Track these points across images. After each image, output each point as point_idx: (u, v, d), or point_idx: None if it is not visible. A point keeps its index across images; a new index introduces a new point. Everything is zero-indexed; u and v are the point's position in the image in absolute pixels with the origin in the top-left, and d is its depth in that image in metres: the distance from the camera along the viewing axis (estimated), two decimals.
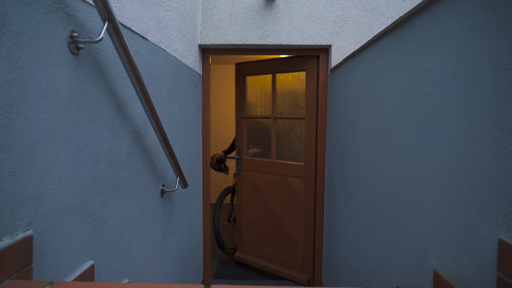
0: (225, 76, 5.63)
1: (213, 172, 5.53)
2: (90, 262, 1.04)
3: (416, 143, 1.14)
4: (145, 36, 1.50)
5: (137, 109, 1.41)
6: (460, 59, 0.91)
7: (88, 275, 1.02)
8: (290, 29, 2.63)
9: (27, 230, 0.77)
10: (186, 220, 2.31)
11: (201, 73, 2.76)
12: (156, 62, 1.66)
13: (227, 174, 3.98)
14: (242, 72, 3.32)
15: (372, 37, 1.61)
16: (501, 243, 0.73)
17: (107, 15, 0.99)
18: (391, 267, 1.34)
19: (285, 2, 2.63)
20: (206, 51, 2.77)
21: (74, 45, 0.94)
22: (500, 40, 0.76)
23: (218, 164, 3.78)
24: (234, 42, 2.65)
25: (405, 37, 1.26)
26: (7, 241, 0.70)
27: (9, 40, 0.71)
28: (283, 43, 2.64)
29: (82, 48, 0.97)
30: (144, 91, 1.29)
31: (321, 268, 2.91)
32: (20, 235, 0.74)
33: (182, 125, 2.19)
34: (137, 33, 1.42)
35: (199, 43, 2.65)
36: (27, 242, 0.76)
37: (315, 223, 2.91)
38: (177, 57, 2.02)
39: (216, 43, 2.66)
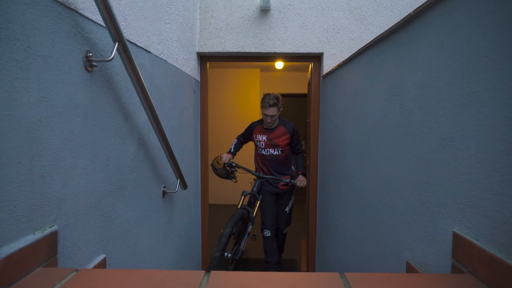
0: (222, 79, 5.75)
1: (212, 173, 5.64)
2: (103, 256, 1.17)
3: (394, 148, 1.28)
4: (148, 49, 1.63)
5: (142, 117, 1.54)
6: (428, 76, 1.04)
7: (101, 267, 1.15)
8: (284, 38, 2.77)
9: (53, 226, 0.89)
10: (185, 219, 2.44)
11: (199, 79, 2.89)
12: (158, 72, 1.78)
13: (236, 181, 3.06)
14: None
15: (358, 50, 1.74)
16: (455, 235, 0.87)
17: (117, 36, 1.12)
18: (374, 260, 1.47)
19: (279, 12, 2.76)
20: (204, 58, 2.90)
21: (89, 64, 1.07)
22: (455, 63, 0.89)
23: (226, 170, 2.95)
24: (231, 50, 2.78)
25: (386, 52, 1.39)
26: (38, 235, 0.83)
27: (39, 64, 0.84)
28: (277, 51, 2.78)
29: (95, 66, 1.10)
30: (148, 100, 1.42)
31: (314, 264, 3.04)
32: (47, 230, 0.87)
33: (182, 130, 2.31)
34: (141, 47, 1.54)
35: (197, 51, 2.78)
36: (53, 236, 0.89)
37: (309, 221, 3.04)
38: (177, 66, 2.15)
39: (214, 50, 2.79)
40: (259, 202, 2.95)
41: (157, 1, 1.76)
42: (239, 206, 2.89)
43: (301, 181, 2.91)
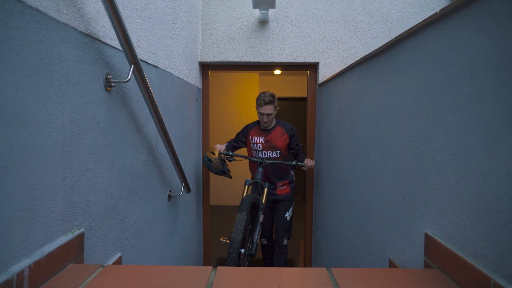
0: (222, 83, 5.89)
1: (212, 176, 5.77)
2: (119, 254, 1.31)
3: (379, 158, 1.42)
4: (156, 65, 1.77)
5: (151, 127, 1.68)
6: (406, 97, 1.19)
7: (118, 264, 1.29)
8: (281, 48, 2.91)
9: (80, 228, 1.04)
10: (188, 221, 2.58)
11: (201, 87, 3.03)
12: (165, 85, 1.93)
13: (231, 177, 2.86)
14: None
15: (349, 65, 1.89)
16: (426, 236, 1.01)
17: (132, 59, 1.26)
18: (363, 257, 1.62)
19: (277, 23, 2.91)
20: (205, 67, 3.04)
21: (108, 84, 1.21)
22: (429, 87, 1.04)
23: (223, 163, 2.68)
24: (231, 60, 2.93)
25: (373, 71, 1.54)
26: (69, 236, 0.97)
27: (70, 90, 0.98)
28: (276, 61, 2.92)
29: (114, 86, 1.24)
30: (157, 113, 1.56)
31: (310, 262, 3.19)
32: (76, 232, 1.01)
33: (185, 137, 2.45)
34: (150, 64, 1.69)
35: (199, 60, 2.92)
36: (81, 237, 1.03)
37: (305, 220, 3.19)
38: (181, 77, 2.29)
39: (215, 60, 2.93)
40: (266, 190, 2.60)
41: (164, 19, 1.90)
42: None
43: (309, 160, 2.66)
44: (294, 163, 2.64)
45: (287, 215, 2.87)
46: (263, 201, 2.52)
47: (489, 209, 0.75)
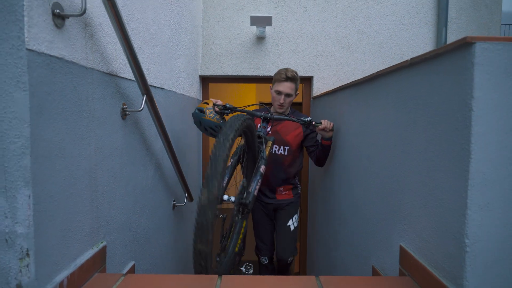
0: (219, 90, 6.03)
1: None
2: (132, 262, 1.47)
3: (364, 175, 1.59)
4: (162, 87, 1.93)
5: (158, 144, 1.83)
6: (386, 123, 1.35)
7: (131, 272, 1.45)
8: (278, 63, 3.08)
9: (103, 242, 1.20)
10: (191, 227, 2.74)
11: (201, 99, 3.19)
12: (170, 103, 2.08)
13: None
14: None
15: (340, 86, 2.06)
16: (401, 247, 1.18)
17: (145, 90, 1.42)
18: (351, 264, 1.79)
19: (274, 39, 3.07)
20: (205, 79, 3.20)
21: (124, 113, 1.37)
22: (405, 118, 1.21)
23: (220, 115, 2.05)
24: (230, 74, 3.09)
25: (358, 95, 1.71)
26: (95, 249, 1.13)
27: (95, 124, 1.14)
28: (272, 74, 3.08)
29: (128, 114, 1.40)
30: (164, 132, 1.72)
31: (305, 266, 3.36)
32: (100, 245, 1.17)
33: (187, 148, 2.61)
34: (157, 87, 1.84)
35: (200, 74, 3.08)
36: (104, 250, 1.19)
37: (300, 226, 3.36)
38: (183, 93, 2.45)
39: (215, 74, 3.09)
40: (270, 144, 1.99)
41: (168, 43, 2.06)
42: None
43: (326, 121, 2.02)
44: (308, 119, 2.02)
45: (291, 224, 2.29)
46: (266, 153, 1.89)
47: (446, 230, 0.92)
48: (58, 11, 0.90)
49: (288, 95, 2.20)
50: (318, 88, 3.07)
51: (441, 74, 0.94)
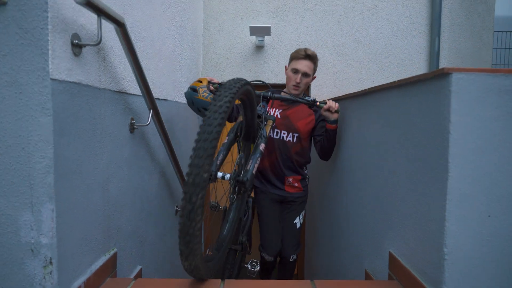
0: None
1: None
2: (139, 267, 1.56)
3: (358, 182, 1.69)
4: (166, 99, 2.02)
5: (162, 153, 1.92)
6: (379, 136, 1.45)
7: (138, 276, 1.54)
8: (276, 71, 3.17)
9: (114, 248, 1.29)
10: None
11: None
12: (173, 113, 2.18)
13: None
14: None
15: (338, 96, 2.15)
16: (390, 253, 1.28)
17: (151, 105, 1.51)
18: (347, 267, 1.88)
19: (272, 48, 3.17)
20: None
21: (132, 127, 1.46)
22: (396, 132, 1.30)
23: (211, 91, 1.87)
24: None
25: (353, 107, 1.80)
26: (107, 255, 1.22)
27: (107, 140, 1.23)
28: (271, 82, 3.18)
29: (136, 128, 1.49)
30: (168, 141, 1.81)
31: (303, 269, 3.46)
32: (111, 252, 1.26)
33: (188, 154, 2.70)
34: (161, 99, 1.94)
35: None
36: (115, 256, 1.28)
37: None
38: (185, 102, 2.54)
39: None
40: (271, 122, 1.83)
41: (171, 56, 2.15)
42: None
43: (331, 102, 1.86)
44: (311, 99, 1.87)
45: (297, 222, 2.21)
46: (266, 131, 1.75)
47: (429, 239, 1.02)
48: (76, 41, 0.99)
49: (305, 74, 2.01)
50: (316, 95, 3.17)
51: (424, 98, 1.04)
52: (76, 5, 0.97)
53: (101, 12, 1.01)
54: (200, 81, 1.88)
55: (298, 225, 2.21)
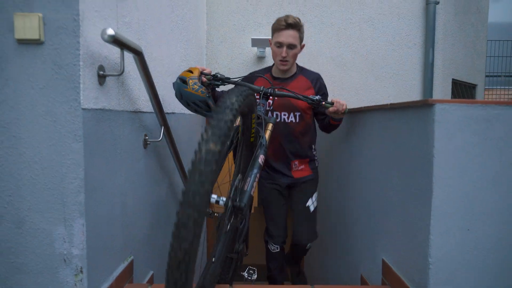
0: None
1: None
2: (151, 272, 1.68)
3: (354, 192, 1.81)
4: (173, 112, 2.14)
5: (171, 164, 2.04)
6: (373, 152, 1.57)
7: (151, 281, 1.66)
8: None
9: (131, 256, 1.40)
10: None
11: None
12: (180, 125, 2.29)
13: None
14: None
15: None
16: (383, 261, 1.40)
17: (163, 121, 1.63)
18: (346, 271, 2.00)
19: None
20: None
21: (145, 143, 1.58)
22: (389, 149, 1.42)
23: (206, 87, 1.66)
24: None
25: (352, 122, 1.92)
26: (125, 263, 1.34)
27: (125, 156, 1.35)
28: None
29: (149, 143, 1.61)
30: (176, 153, 1.93)
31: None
32: (129, 259, 1.38)
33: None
34: (169, 113, 2.05)
35: None
36: (131, 263, 1.40)
37: None
38: (190, 113, 2.66)
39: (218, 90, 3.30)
40: (271, 125, 1.60)
41: (178, 70, 2.26)
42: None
43: (338, 101, 1.64)
44: (316, 98, 1.63)
45: (310, 204, 1.97)
46: (266, 138, 1.52)
47: (416, 249, 1.14)
48: (102, 72, 1.11)
49: (291, 46, 1.79)
50: None
51: (411, 123, 1.16)
52: (102, 40, 1.08)
53: (123, 46, 1.13)
54: (190, 71, 1.65)
55: (311, 208, 1.97)
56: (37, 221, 1.02)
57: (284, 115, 1.89)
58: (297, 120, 1.88)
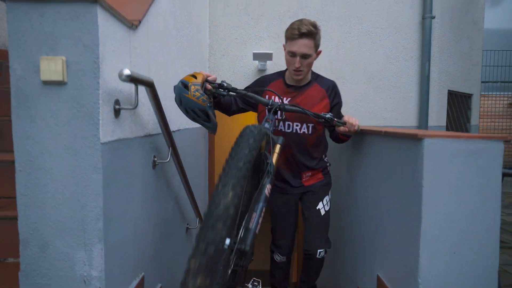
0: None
1: None
2: (160, 285, 1.77)
3: (353, 210, 1.90)
4: (179, 129, 2.24)
5: (176, 180, 2.13)
6: (369, 171, 1.66)
7: None
8: None
9: (142, 273, 1.50)
10: None
11: None
12: (184, 139, 2.39)
13: (215, 131, 1.76)
14: None
15: None
16: (378, 276, 1.49)
17: (170, 143, 1.72)
18: (340, 286, 2.10)
19: (273, 71, 3.38)
20: None
21: (154, 164, 1.67)
22: (380, 178, 1.51)
23: (208, 97, 1.55)
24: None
25: (354, 141, 2.02)
26: (137, 279, 1.43)
27: (136, 180, 1.44)
28: None
29: (158, 164, 1.70)
30: (182, 171, 2.02)
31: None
32: (140, 276, 1.47)
33: (197, 174, 2.92)
34: (175, 131, 2.15)
35: None
36: (143, 279, 1.49)
37: (298, 237, 3.67)
38: (194, 127, 2.75)
39: None
40: (278, 147, 1.49)
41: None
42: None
43: (350, 118, 1.62)
44: (328, 115, 1.58)
45: (321, 207, 1.87)
46: (274, 163, 1.40)
47: (407, 269, 1.23)
48: (117, 106, 1.21)
49: (304, 56, 1.69)
50: None
51: (403, 152, 1.26)
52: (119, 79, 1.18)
53: (137, 81, 1.22)
54: (194, 76, 1.53)
55: (322, 212, 1.86)
56: (60, 245, 1.11)
57: (297, 125, 1.82)
58: (310, 132, 1.82)
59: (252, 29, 3.38)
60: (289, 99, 1.82)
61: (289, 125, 1.82)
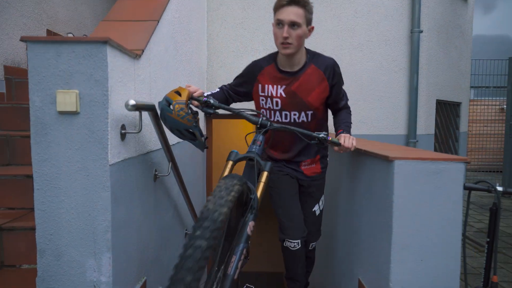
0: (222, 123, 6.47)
1: None
2: (160, 287, 1.92)
3: (336, 218, 2.05)
4: (178, 141, 2.39)
5: (175, 190, 2.28)
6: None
7: None
8: None
9: (144, 277, 1.65)
10: None
11: (206, 134, 3.65)
12: (183, 151, 2.54)
13: (205, 148, 1.63)
14: None
15: None
16: (359, 280, 1.64)
17: (170, 157, 1.87)
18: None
19: None
20: (209, 116, 3.66)
21: (155, 178, 1.82)
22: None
23: (193, 115, 1.42)
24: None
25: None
26: (140, 283, 1.58)
27: (140, 194, 1.59)
28: None
29: (158, 177, 1.85)
30: (181, 181, 2.17)
31: None
32: (143, 280, 1.62)
33: (195, 182, 3.07)
34: (174, 144, 2.30)
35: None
36: (145, 283, 1.64)
37: None
38: None
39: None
40: (266, 175, 1.36)
41: None
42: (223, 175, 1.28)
43: (347, 138, 1.50)
44: (322, 135, 1.44)
45: (316, 209, 1.91)
46: (258, 196, 1.29)
47: (381, 273, 1.38)
48: (123, 131, 1.36)
49: (293, 24, 1.50)
50: None
51: (378, 171, 1.41)
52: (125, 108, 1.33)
53: (141, 108, 1.37)
54: (178, 93, 1.41)
55: (317, 213, 1.90)
56: (73, 254, 1.26)
57: (294, 114, 1.68)
58: (309, 119, 1.69)
59: (248, 42, 3.53)
60: (283, 87, 1.65)
61: (286, 114, 1.69)
